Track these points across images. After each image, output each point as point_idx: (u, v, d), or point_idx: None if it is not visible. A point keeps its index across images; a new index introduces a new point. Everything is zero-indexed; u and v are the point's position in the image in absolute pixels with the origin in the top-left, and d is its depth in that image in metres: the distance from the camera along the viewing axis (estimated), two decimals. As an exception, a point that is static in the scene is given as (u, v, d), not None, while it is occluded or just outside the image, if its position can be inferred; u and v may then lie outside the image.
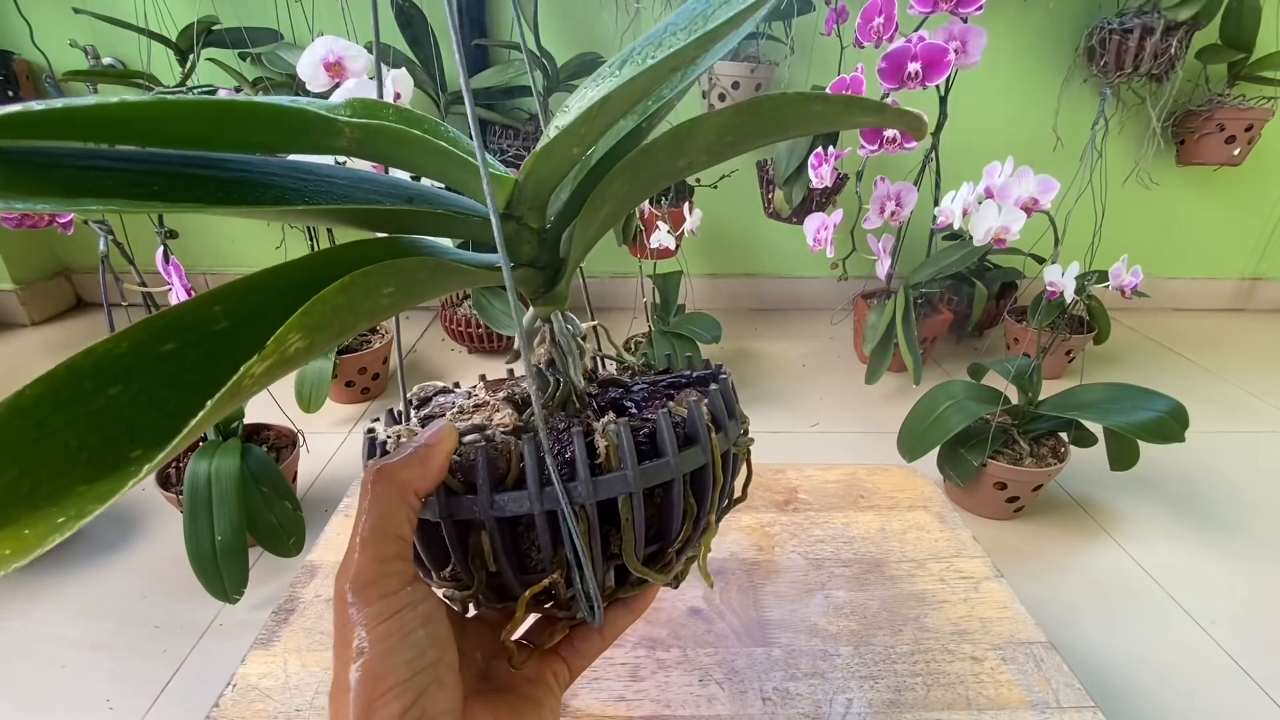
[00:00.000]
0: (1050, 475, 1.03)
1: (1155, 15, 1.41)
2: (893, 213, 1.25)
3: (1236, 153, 1.58)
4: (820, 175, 1.20)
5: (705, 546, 0.29)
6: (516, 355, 0.26)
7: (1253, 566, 0.99)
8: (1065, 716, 0.39)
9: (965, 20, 1.06)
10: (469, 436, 0.25)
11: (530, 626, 0.29)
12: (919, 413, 1.06)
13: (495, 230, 0.20)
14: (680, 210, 1.32)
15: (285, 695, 0.40)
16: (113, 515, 1.05)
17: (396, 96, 0.70)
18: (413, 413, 0.30)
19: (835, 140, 1.31)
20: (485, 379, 0.32)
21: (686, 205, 1.33)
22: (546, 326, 0.27)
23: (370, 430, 0.27)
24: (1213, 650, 0.86)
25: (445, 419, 0.26)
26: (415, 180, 0.27)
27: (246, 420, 0.99)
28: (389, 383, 1.45)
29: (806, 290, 1.91)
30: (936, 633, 0.45)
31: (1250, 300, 1.98)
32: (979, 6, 1.04)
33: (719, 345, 1.51)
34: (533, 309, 0.27)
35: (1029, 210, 1.02)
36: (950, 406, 1.03)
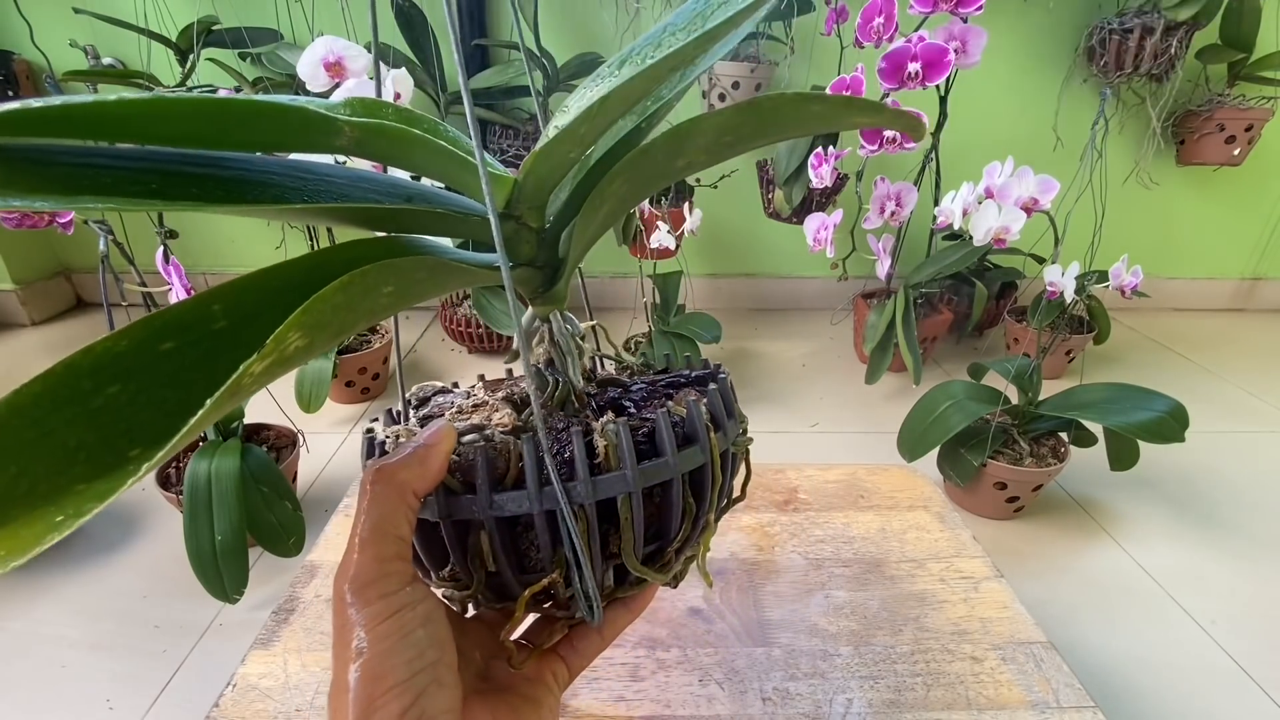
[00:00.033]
0: (1050, 475, 1.03)
1: (1155, 15, 1.41)
2: (893, 213, 1.25)
3: (1236, 153, 1.58)
4: (820, 175, 1.20)
5: (704, 546, 0.29)
6: (515, 355, 0.26)
7: (1253, 566, 0.99)
8: (1065, 716, 0.39)
9: (965, 20, 1.06)
10: (468, 436, 0.25)
11: (529, 626, 0.29)
12: (919, 413, 1.06)
13: (494, 230, 0.20)
14: (680, 210, 1.32)
15: (285, 695, 0.40)
16: (113, 515, 1.05)
17: (396, 96, 0.70)
18: (411, 413, 0.30)
19: (835, 140, 1.31)
20: (484, 379, 0.32)
21: (686, 205, 1.32)
22: (545, 326, 0.27)
23: (369, 430, 0.27)
24: (1213, 650, 0.85)
25: (444, 419, 0.26)
26: (415, 180, 0.27)
27: (246, 420, 0.99)
28: (389, 383, 1.45)
29: (806, 290, 1.91)
30: (936, 633, 0.45)
31: (1250, 300, 1.98)
32: (979, 6, 1.04)
33: (719, 345, 1.51)
34: (531, 309, 0.27)
35: (1029, 210, 1.02)
36: (950, 406, 1.03)
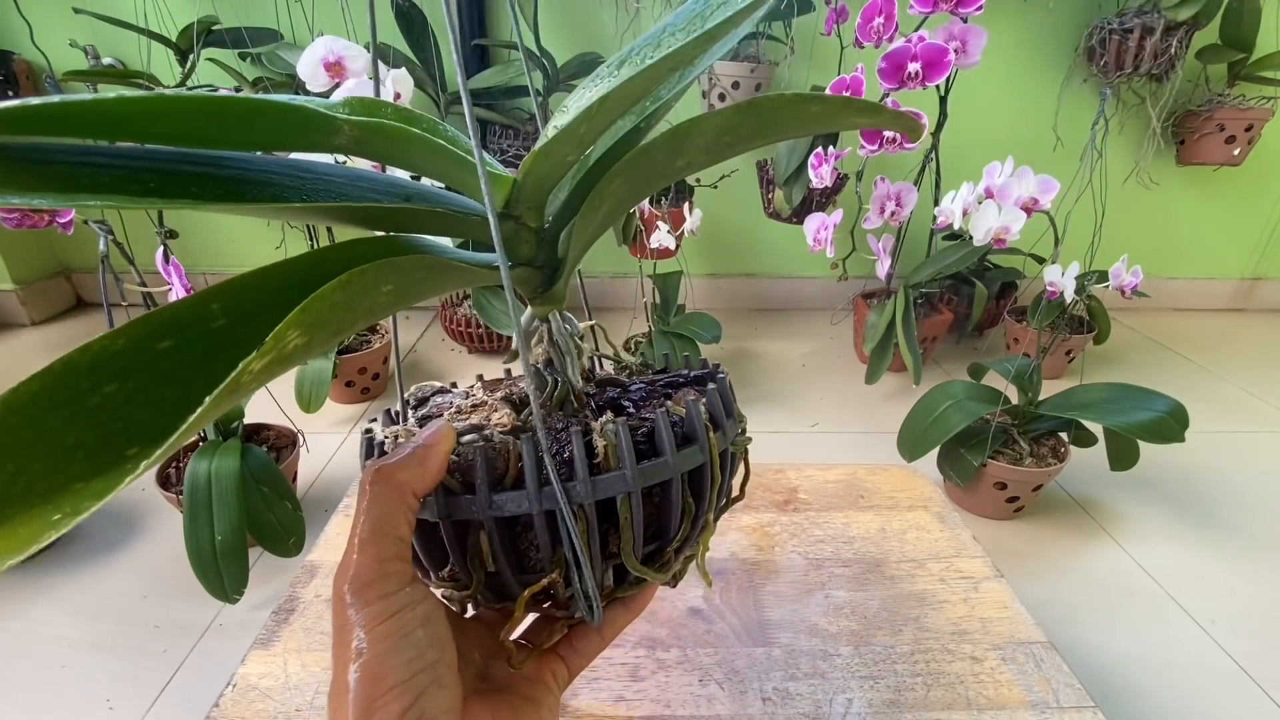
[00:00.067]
0: (1050, 475, 1.03)
1: (1155, 15, 1.41)
2: (893, 213, 1.25)
3: (1236, 153, 1.58)
4: (820, 175, 1.20)
5: (703, 545, 0.29)
6: (514, 355, 0.26)
7: (1253, 566, 0.99)
8: (1065, 716, 0.39)
9: (965, 20, 1.06)
10: (467, 436, 0.25)
11: (529, 626, 0.29)
12: (919, 413, 1.06)
13: (493, 229, 0.20)
14: (680, 210, 1.32)
15: (285, 695, 0.40)
16: (113, 515, 1.05)
17: (396, 96, 0.70)
18: (410, 413, 0.30)
19: (835, 140, 1.31)
20: (482, 379, 0.32)
21: (686, 205, 1.32)
22: (544, 326, 0.27)
23: (368, 431, 0.27)
24: (1213, 650, 0.85)
25: (443, 419, 0.26)
26: (414, 179, 0.27)
27: (246, 420, 0.99)
28: (389, 383, 1.45)
29: (806, 290, 1.91)
30: (936, 633, 0.45)
31: (1250, 300, 1.98)
32: (979, 6, 1.04)
33: (719, 345, 1.51)
34: (530, 308, 0.27)
35: (1029, 210, 1.02)
36: (950, 406, 1.03)
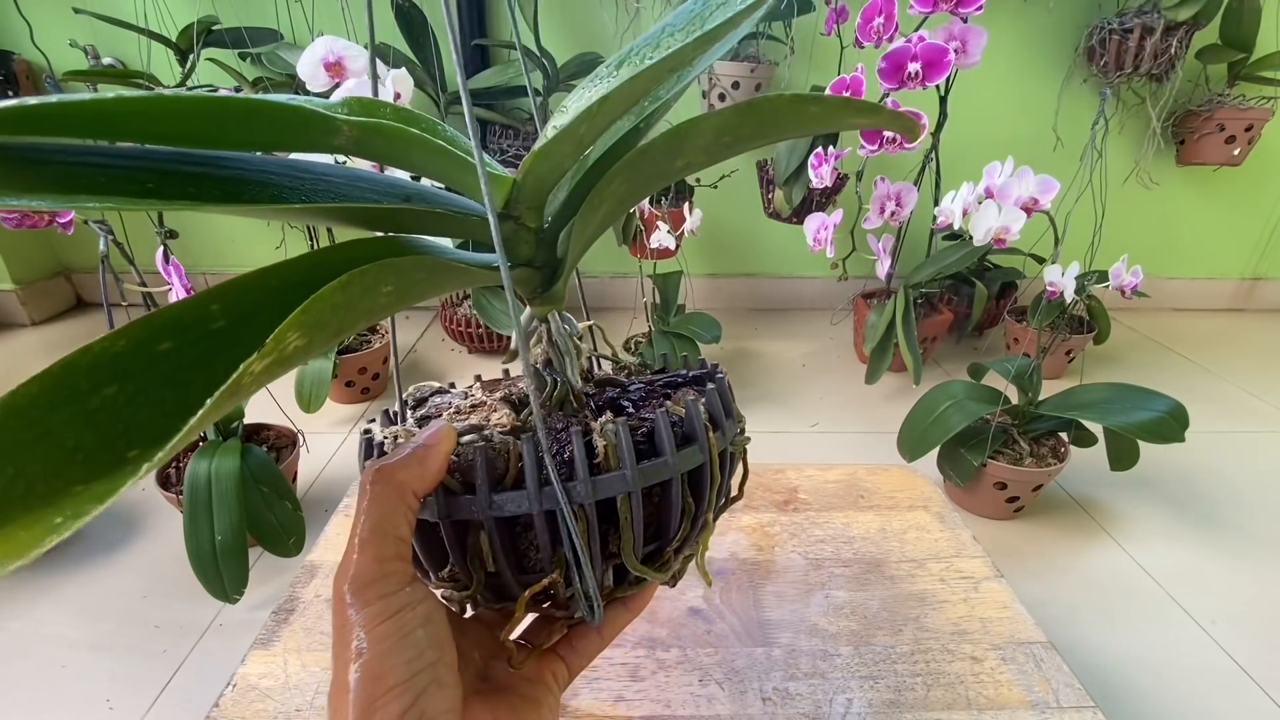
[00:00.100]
0: (1050, 475, 1.03)
1: (1155, 15, 1.41)
2: (893, 213, 1.25)
3: (1236, 153, 1.58)
4: (820, 175, 1.20)
5: (703, 545, 0.29)
6: (513, 355, 0.26)
7: (1253, 566, 0.99)
8: (1065, 716, 0.39)
9: (965, 20, 1.06)
10: (467, 437, 0.25)
11: (528, 626, 0.29)
12: (919, 413, 1.06)
13: (493, 230, 0.20)
14: (680, 210, 1.32)
15: (285, 695, 0.40)
16: (113, 515, 1.05)
17: (396, 96, 0.70)
18: (409, 413, 0.30)
19: (835, 140, 1.31)
20: (480, 379, 0.32)
21: (686, 205, 1.32)
22: (544, 326, 0.27)
23: (366, 431, 0.27)
24: (1213, 650, 0.85)
25: (442, 419, 0.26)
26: (414, 180, 0.27)
27: (246, 420, 0.99)
28: (389, 383, 1.45)
29: (806, 290, 1.91)
30: (936, 633, 0.45)
31: (1250, 300, 1.98)
32: (979, 6, 1.04)
33: (719, 345, 1.51)
34: (530, 309, 0.27)
35: (1029, 210, 1.02)
36: (950, 406, 1.03)
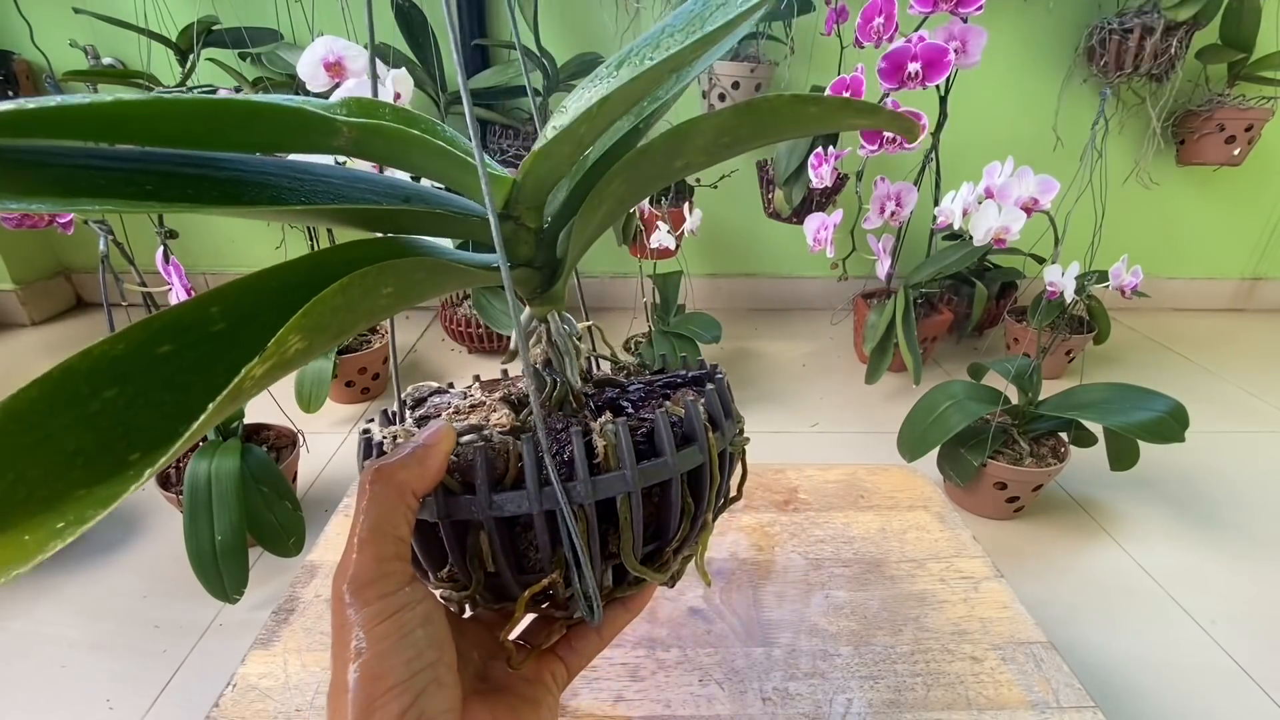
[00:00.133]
0: (1050, 475, 1.03)
1: (1155, 15, 1.41)
2: (893, 213, 1.25)
3: (1236, 153, 1.58)
4: (820, 175, 1.20)
5: (702, 545, 0.29)
6: (512, 355, 0.26)
7: (1253, 566, 0.99)
8: (1065, 716, 0.39)
9: (965, 20, 1.06)
10: (466, 437, 0.25)
11: (527, 626, 0.29)
12: (919, 413, 1.06)
13: (494, 230, 0.20)
14: (680, 210, 1.32)
15: (285, 695, 0.40)
16: (113, 515, 1.04)
17: (396, 96, 0.70)
18: (408, 413, 0.30)
19: (835, 140, 1.31)
20: (479, 379, 0.32)
21: (686, 205, 1.32)
22: (543, 326, 0.27)
23: (366, 431, 0.27)
24: (1213, 650, 0.85)
25: (442, 419, 0.26)
26: (413, 180, 0.27)
27: (246, 420, 0.99)
28: (389, 383, 1.45)
29: (806, 290, 1.91)
30: (936, 633, 0.45)
31: (1250, 300, 1.98)
32: (979, 6, 1.04)
33: (719, 345, 1.51)
34: (529, 309, 0.27)
35: (1029, 210, 1.02)
36: (950, 406, 1.03)
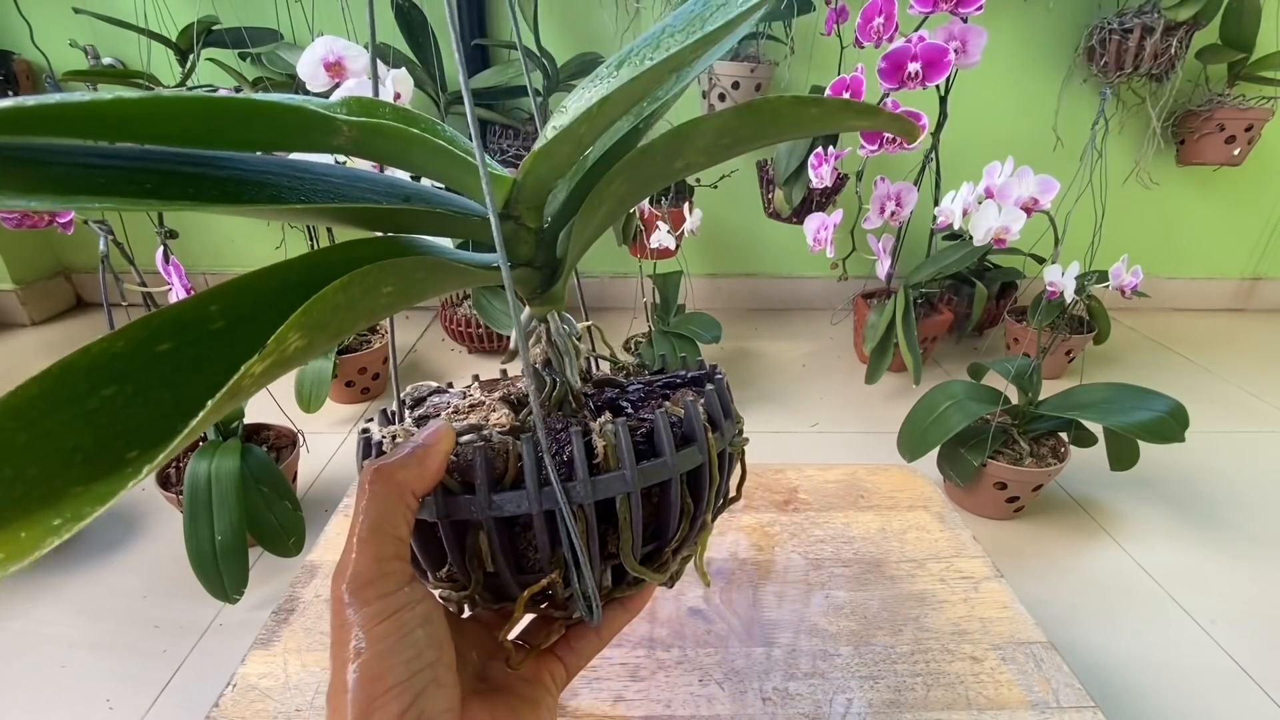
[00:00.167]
0: (1050, 475, 1.03)
1: (1155, 15, 1.41)
2: (893, 213, 1.25)
3: (1236, 153, 1.58)
4: (820, 175, 1.20)
5: (701, 546, 0.29)
6: (512, 355, 0.26)
7: (1253, 566, 0.99)
8: (1065, 716, 0.39)
9: (965, 20, 1.06)
10: (466, 436, 0.24)
11: (526, 626, 0.29)
12: (919, 413, 1.06)
13: (494, 229, 0.20)
14: (680, 210, 1.32)
15: (285, 695, 0.40)
16: (113, 515, 1.05)
17: (396, 96, 0.70)
18: (407, 413, 0.29)
19: (835, 140, 1.31)
20: (479, 379, 0.32)
21: (686, 205, 1.32)
22: (543, 326, 0.27)
23: (365, 430, 0.27)
24: (1213, 650, 0.85)
25: (441, 419, 0.26)
26: (413, 180, 0.27)
27: (246, 420, 0.99)
28: (388, 383, 1.45)
29: (806, 290, 1.91)
30: (936, 633, 0.45)
31: (1250, 300, 1.98)
32: (979, 6, 1.04)
33: (719, 345, 1.51)
34: (529, 309, 0.27)
35: (1029, 210, 1.02)
36: (950, 406, 1.03)
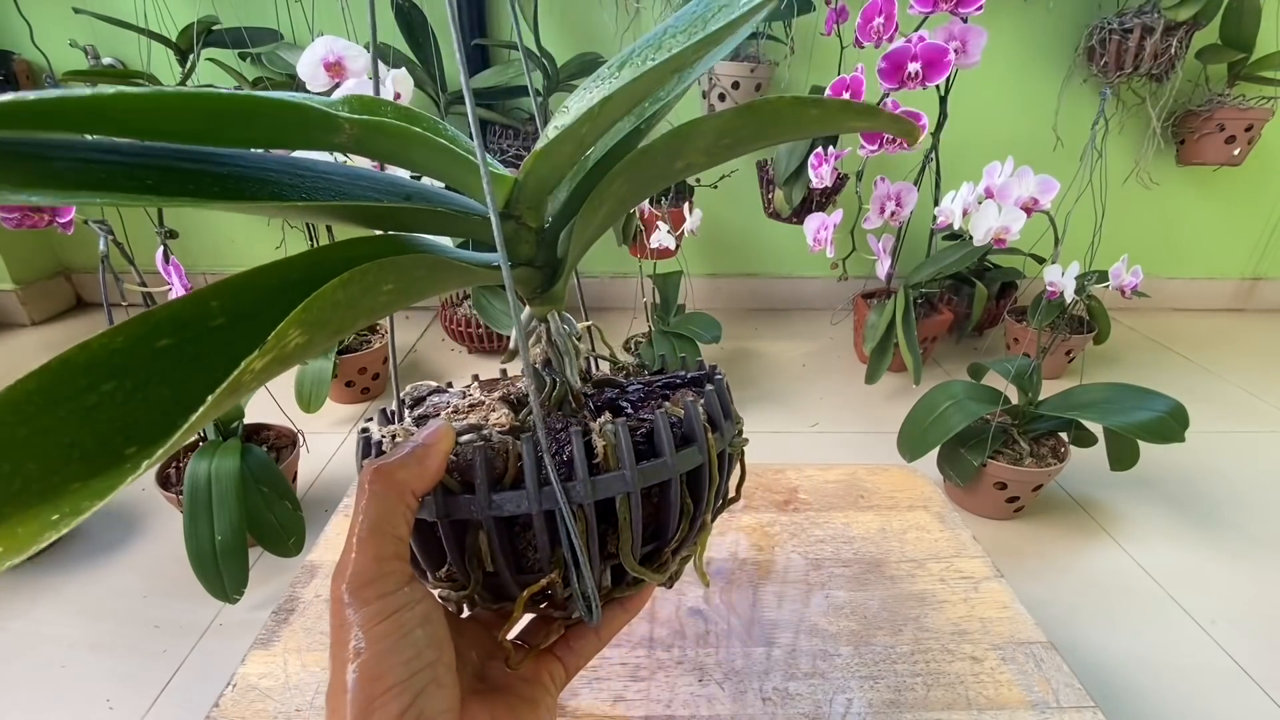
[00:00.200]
0: (1050, 475, 1.03)
1: (1155, 15, 1.41)
2: (893, 213, 1.25)
3: (1236, 153, 1.58)
4: (820, 175, 1.20)
5: (700, 546, 0.29)
6: (511, 355, 0.26)
7: (1253, 566, 0.99)
8: (1065, 716, 0.39)
9: (965, 20, 1.06)
10: (465, 436, 0.24)
11: (525, 627, 0.29)
12: (919, 413, 1.06)
13: (495, 229, 0.20)
14: (680, 210, 1.32)
15: (285, 695, 0.40)
16: (113, 515, 1.05)
17: (397, 96, 0.70)
18: (406, 413, 0.29)
19: (835, 140, 1.31)
20: (478, 379, 0.32)
21: (686, 205, 1.32)
22: (543, 326, 0.27)
23: (365, 430, 0.27)
24: (1213, 650, 0.85)
25: (441, 418, 0.26)
26: (414, 178, 0.27)
27: (246, 420, 0.98)
28: (388, 383, 1.45)
29: (806, 290, 1.91)
30: (936, 633, 0.45)
31: (1250, 300, 1.98)
32: (979, 6, 1.04)
33: (719, 345, 1.51)
34: (529, 308, 0.27)
35: (1029, 210, 1.02)
36: (950, 406, 1.03)
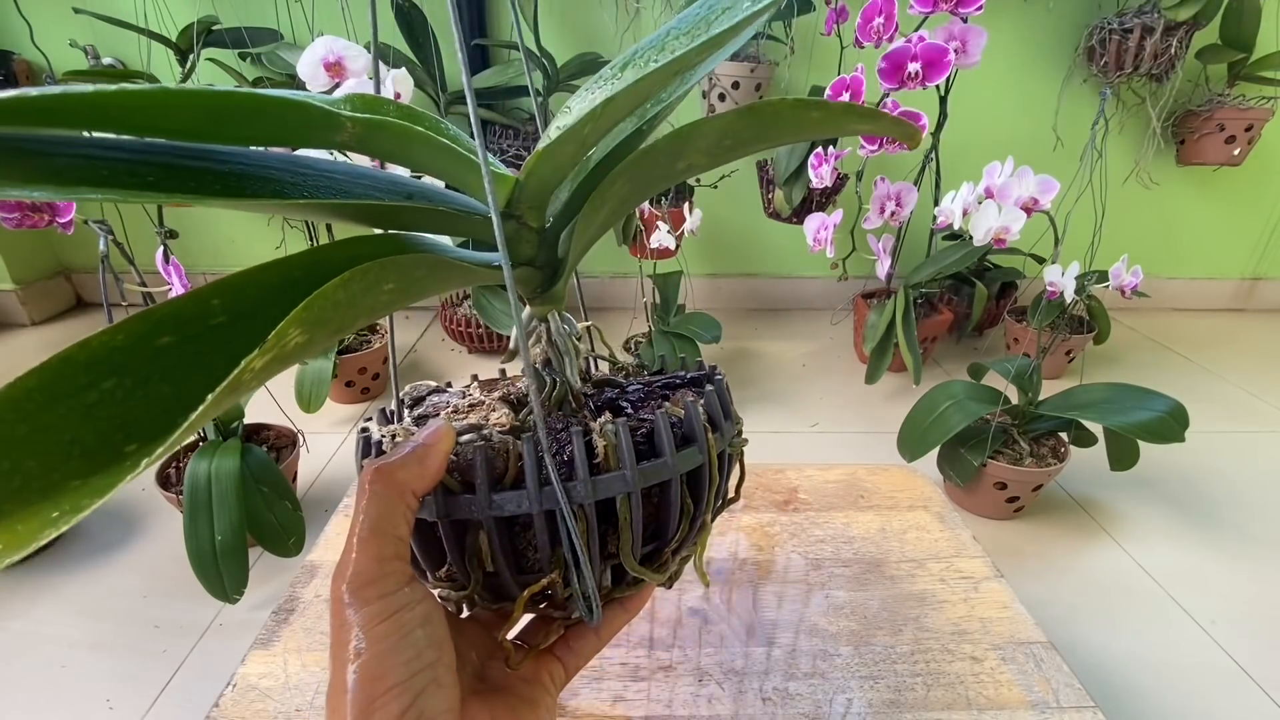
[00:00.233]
0: (1050, 475, 1.03)
1: (1155, 15, 1.41)
2: (893, 213, 1.25)
3: (1236, 153, 1.58)
4: (820, 175, 1.20)
5: (700, 546, 0.29)
6: (511, 355, 0.26)
7: (1253, 566, 0.99)
8: (1065, 716, 0.39)
9: (965, 20, 1.06)
10: (466, 436, 0.24)
11: (525, 627, 0.29)
12: (919, 413, 1.06)
13: (496, 228, 0.20)
14: (680, 210, 1.32)
15: (285, 695, 0.40)
16: (113, 515, 1.05)
17: (397, 96, 0.70)
18: (406, 412, 0.29)
19: (835, 140, 1.31)
20: (478, 379, 0.32)
21: (686, 205, 1.32)
22: (543, 326, 0.27)
23: (364, 430, 0.27)
24: (1213, 650, 0.85)
25: (441, 418, 0.26)
26: (415, 178, 0.27)
27: (246, 420, 0.98)
28: (388, 383, 1.45)
29: (806, 290, 1.91)
30: (936, 633, 0.45)
31: (1250, 300, 1.98)
32: (979, 6, 1.04)
33: (719, 345, 1.51)
34: (530, 308, 0.27)
35: (1029, 210, 1.02)
36: (950, 406, 1.03)
